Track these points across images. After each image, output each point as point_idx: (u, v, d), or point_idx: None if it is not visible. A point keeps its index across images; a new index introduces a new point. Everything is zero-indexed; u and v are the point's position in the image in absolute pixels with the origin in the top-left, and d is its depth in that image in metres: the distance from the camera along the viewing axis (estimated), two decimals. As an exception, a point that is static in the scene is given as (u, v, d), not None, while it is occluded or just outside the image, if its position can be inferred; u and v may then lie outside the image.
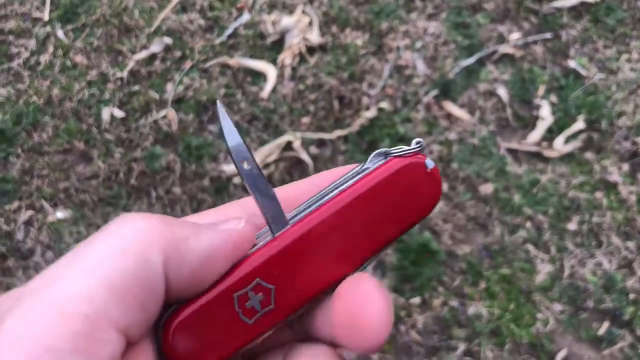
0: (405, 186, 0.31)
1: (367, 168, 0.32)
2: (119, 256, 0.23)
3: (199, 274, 0.25)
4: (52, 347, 0.21)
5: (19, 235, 1.37)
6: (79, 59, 1.52)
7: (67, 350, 0.21)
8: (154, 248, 0.24)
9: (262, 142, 1.39)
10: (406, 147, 0.32)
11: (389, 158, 0.31)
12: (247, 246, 0.28)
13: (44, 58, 1.53)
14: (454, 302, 1.27)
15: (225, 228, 0.27)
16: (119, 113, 1.46)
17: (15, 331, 0.21)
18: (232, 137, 0.29)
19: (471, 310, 1.26)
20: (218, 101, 0.30)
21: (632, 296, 1.26)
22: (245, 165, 0.29)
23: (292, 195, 0.31)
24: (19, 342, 0.21)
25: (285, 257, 0.29)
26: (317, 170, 1.37)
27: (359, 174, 0.31)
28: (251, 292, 0.28)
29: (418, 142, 0.32)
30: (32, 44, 1.54)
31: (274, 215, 0.29)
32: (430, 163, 0.32)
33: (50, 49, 1.54)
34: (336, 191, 0.31)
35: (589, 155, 1.37)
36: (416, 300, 1.27)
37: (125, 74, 1.49)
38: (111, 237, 0.24)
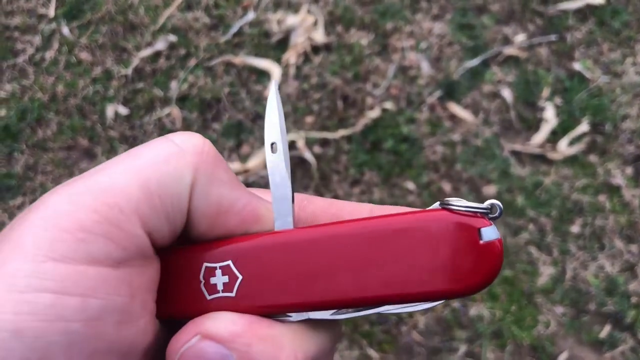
0: (445, 247, 0.26)
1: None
2: (161, 163, 0.25)
3: (212, 219, 0.27)
4: (85, 228, 0.23)
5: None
6: (84, 55, 1.53)
7: (98, 233, 0.23)
8: (190, 169, 0.26)
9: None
10: (475, 205, 0.26)
11: (441, 207, 0.26)
12: (264, 225, 0.28)
13: (49, 54, 1.53)
14: (456, 303, 1.27)
15: (256, 199, 0.29)
16: (123, 110, 1.46)
17: (57, 205, 0.24)
18: (274, 115, 0.29)
19: (473, 311, 1.26)
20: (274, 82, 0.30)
21: (634, 299, 1.26)
22: (273, 151, 0.29)
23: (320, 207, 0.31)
24: (57, 216, 0.23)
25: (269, 256, 0.28)
26: (320, 169, 1.37)
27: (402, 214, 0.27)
28: (219, 270, 0.28)
29: (491, 205, 0.26)
30: (37, 40, 1.55)
31: (281, 213, 0.29)
32: (490, 233, 0.25)
33: (56, 45, 1.54)
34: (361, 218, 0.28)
35: (592, 158, 1.37)
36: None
37: (129, 71, 1.50)
38: (163, 144, 0.26)
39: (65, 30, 1.55)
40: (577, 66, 1.46)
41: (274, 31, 1.51)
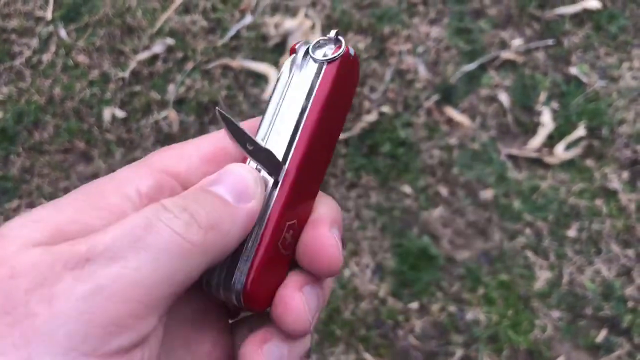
0: (345, 78, 0.33)
1: (294, 75, 0.33)
2: (181, 259, 0.26)
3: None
4: (115, 322, 0.24)
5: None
6: (81, 58, 1.53)
7: (124, 325, 0.24)
8: (205, 258, 0.27)
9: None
10: (327, 39, 0.33)
11: (324, 63, 0.32)
12: (250, 224, 0.30)
13: (46, 57, 1.53)
14: (453, 308, 1.27)
15: (249, 201, 0.29)
16: (120, 113, 1.46)
17: (87, 299, 0.24)
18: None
19: (469, 315, 1.26)
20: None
21: (630, 304, 1.26)
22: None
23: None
24: (87, 310, 0.23)
25: (295, 191, 0.32)
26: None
27: (297, 86, 0.33)
28: (286, 234, 0.32)
29: (338, 34, 0.33)
30: (34, 43, 1.55)
31: (270, 163, 0.31)
32: (351, 50, 0.33)
33: (53, 48, 1.54)
34: (294, 111, 0.32)
35: (589, 162, 1.37)
36: (414, 305, 1.27)
37: (127, 74, 1.49)
38: (177, 237, 0.26)
39: (63, 33, 1.55)
40: (573, 70, 1.46)
41: (271, 35, 1.51)
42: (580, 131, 1.40)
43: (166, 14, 1.55)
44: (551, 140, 1.40)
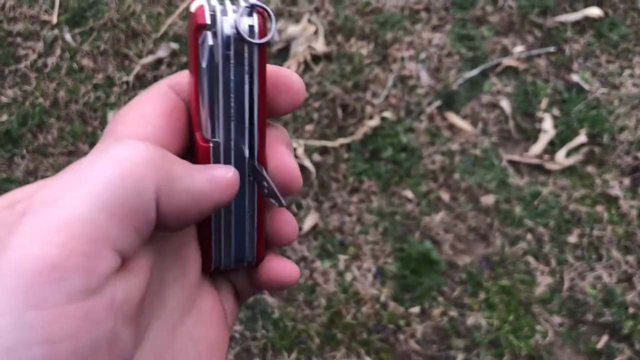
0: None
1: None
2: (119, 183, 0.24)
3: (186, 212, 0.27)
4: (56, 265, 0.22)
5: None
6: (86, 62, 1.54)
7: (69, 267, 0.22)
8: (150, 180, 0.25)
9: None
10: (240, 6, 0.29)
11: (255, 46, 0.29)
12: (232, 192, 0.29)
13: (51, 60, 1.54)
14: (454, 312, 1.27)
15: (216, 175, 0.29)
16: (124, 117, 1.47)
17: (22, 249, 0.22)
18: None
19: (470, 320, 1.26)
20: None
21: (631, 310, 1.26)
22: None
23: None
24: (25, 261, 0.22)
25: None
26: (319, 177, 1.38)
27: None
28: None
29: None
30: (39, 46, 1.56)
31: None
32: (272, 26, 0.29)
33: (58, 51, 1.55)
34: (241, 97, 0.30)
35: (590, 168, 1.38)
36: (416, 309, 1.27)
37: (131, 78, 1.50)
38: (112, 162, 0.25)
39: (68, 36, 1.56)
40: (575, 78, 1.47)
41: (275, 40, 1.52)
42: (582, 138, 1.40)
43: (170, 18, 1.56)
44: (552, 147, 1.40)
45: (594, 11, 1.52)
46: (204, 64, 0.28)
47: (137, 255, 0.27)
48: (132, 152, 0.25)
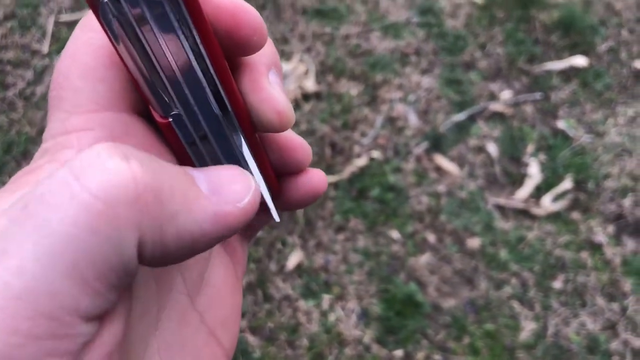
0: None
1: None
2: (87, 238, 0.17)
3: (177, 256, 0.21)
4: (25, 334, 0.17)
5: None
6: (75, 92, 1.53)
7: (40, 337, 0.17)
8: (131, 227, 0.18)
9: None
10: None
11: None
12: (245, 221, 0.22)
13: (40, 89, 1.53)
14: (438, 356, 1.25)
15: (225, 209, 0.21)
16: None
17: None
18: None
19: (454, 365, 1.24)
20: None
21: (615, 359, 1.25)
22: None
23: None
24: None
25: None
26: (305, 215, 1.37)
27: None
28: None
29: None
30: (29, 75, 1.55)
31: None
32: None
33: (47, 80, 1.55)
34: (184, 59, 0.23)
35: (575, 214, 1.39)
36: (399, 352, 1.26)
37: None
38: (78, 203, 0.17)
39: (58, 66, 1.56)
40: (560, 124, 1.49)
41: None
42: (567, 184, 1.42)
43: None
44: (538, 192, 1.41)
45: (580, 61, 1.56)
46: (118, 41, 0.22)
47: (118, 301, 0.21)
48: (107, 181, 0.18)
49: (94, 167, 0.18)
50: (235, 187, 0.22)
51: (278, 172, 0.29)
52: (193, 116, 0.24)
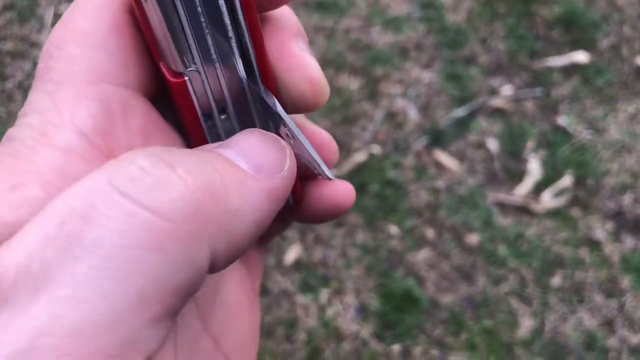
0: None
1: None
2: (155, 257, 0.15)
3: (243, 250, 0.19)
4: None
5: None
6: (74, 84, 1.53)
7: None
8: (203, 240, 0.16)
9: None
10: None
11: None
12: (270, 208, 0.20)
13: (39, 81, 1.53)
14: (435, 351, 1.25)
15: (272, 176, 0.20)
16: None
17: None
18: None
19: (452, 360, 1.25)
20: None
21: (612, 355, 1.25)
22: None
23: None
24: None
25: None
26: (304, 209, 1.37)
27: None
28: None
29: None
30: (28, 66, 1.55)
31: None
32: None
33: (46, 72, 1.54)
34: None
35: (574, 211, 1.39)
36: (397, 347, 1.26)
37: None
38: (139, 229, 0.15)
39: (57, 58, 1.56)
40: (561, 121, 1.49)
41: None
42: (567, 181, 1.41)
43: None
44: (537, 188, 1.41)
45: (581, 57, 1.56)
46: None
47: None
48: (163, 195, 0.16)
49: (143, 181, 0.16)
50: (272, 155, 0.20)
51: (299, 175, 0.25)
52: (214, 76, 0.20)
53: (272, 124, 0.22)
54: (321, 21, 1.64)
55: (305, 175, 0.26)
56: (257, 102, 0.21)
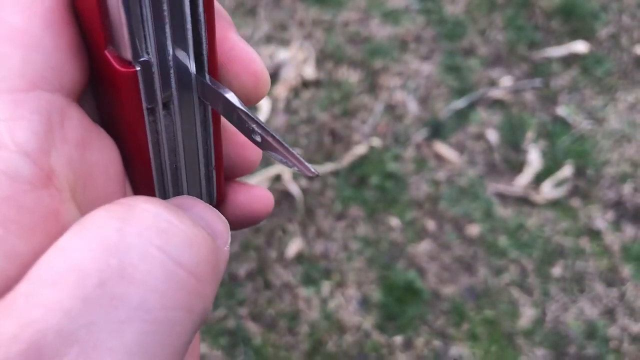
0: None
1: None
2: (185, 318, 0.15)
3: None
4: None
5: None
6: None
7: None
8: (214, 294, 0.16)
9: (252, 173, 1.39)
10: None
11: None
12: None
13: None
14: (437, 342, 1.26)
15: (224, 247, 0.19)
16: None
17: None
18: None
19: (454, 351, 1.25)
20: None
21: (613, 344, 1.26)
22: None
23: None
24: None
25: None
26: (305, 203, 1.37)
27: None
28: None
29: None
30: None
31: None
32: None
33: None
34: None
35: (574, 201, 1.39)
36: (399, 338, 1.26)
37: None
38: (172, 273, 0.15)
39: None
40: (560, 111, 1.49)
41: (265, 65, 1.53)
42: (567, 171, 1.42)
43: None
44: (537, 179, 1.41)
45: (580, 47, 1.56)
46: None
47: None
48: (198, 254, 0.15)
49: (177, 237, 0.15)
50: (222, 227, 0.19)
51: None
52: (165, 69, 0.19)
53: (233, 120, 0.20)
54: (320, 14, 1.64)
55: (226, 176, 0.25)
56: (206, 97, 0.20)
